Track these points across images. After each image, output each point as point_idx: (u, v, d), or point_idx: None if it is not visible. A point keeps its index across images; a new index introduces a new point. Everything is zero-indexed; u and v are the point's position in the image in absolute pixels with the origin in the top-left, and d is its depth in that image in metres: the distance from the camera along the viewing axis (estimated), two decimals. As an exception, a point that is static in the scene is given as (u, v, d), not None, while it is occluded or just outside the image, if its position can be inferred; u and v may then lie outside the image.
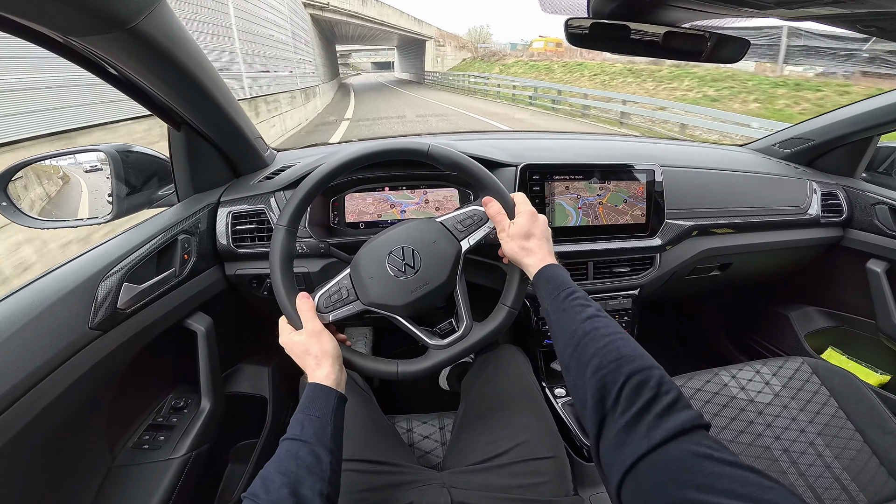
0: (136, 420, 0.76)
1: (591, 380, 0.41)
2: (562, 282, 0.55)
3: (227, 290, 0.88)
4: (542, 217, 0.64)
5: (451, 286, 0.65)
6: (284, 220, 0.64)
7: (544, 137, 1.24)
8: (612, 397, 0.39)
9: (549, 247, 0.62)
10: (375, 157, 0.66)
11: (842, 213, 1.13)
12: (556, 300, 0.53)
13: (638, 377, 0.39)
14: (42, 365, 0.52)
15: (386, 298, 0.63)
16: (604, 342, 0.44)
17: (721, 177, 1.06)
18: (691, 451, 0.32)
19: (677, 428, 0.34)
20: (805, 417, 0.82)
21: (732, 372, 0.90)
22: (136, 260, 0.68)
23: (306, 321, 0.60)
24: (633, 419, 0.36)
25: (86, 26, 0.47)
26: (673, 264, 0.99)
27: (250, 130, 0.88)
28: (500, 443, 0.64)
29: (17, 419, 0.49)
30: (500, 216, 0.63)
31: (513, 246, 0.61)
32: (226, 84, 0.75)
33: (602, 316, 0.49)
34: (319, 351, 0.58)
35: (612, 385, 0.39)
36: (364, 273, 0.64)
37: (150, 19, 0.50)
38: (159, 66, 0.60)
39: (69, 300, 0.58)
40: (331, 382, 0.56)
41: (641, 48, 0.63)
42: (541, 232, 0.62)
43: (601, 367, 0.41)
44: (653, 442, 0.33)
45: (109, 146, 0.76)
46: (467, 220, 0.67)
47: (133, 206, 0.80)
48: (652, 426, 0.34)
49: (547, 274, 0.57)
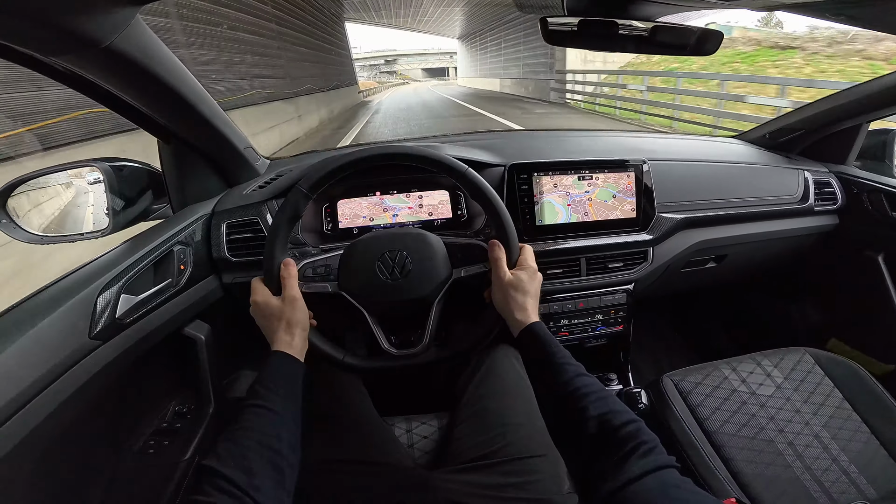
0: (138, 427, 0.78)
1: (588, 425, 0.46)
2: (550, 340, 0.58)
3: (224, 298, 0.89)
4: (540, 276, 0.66)
5: (427, 305, 0.66)
6: (306, 184, 0.65)
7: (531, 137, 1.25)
8: (604, 441, 0.45)
9: (537, 305, 0.64)
10: (414, 161, 0.68)
11: (836, 200, 1.12)
12: (544, 357, 0.56)
13: (630, 427, 0.45)
14: (44, 374, 0.54)
15: (363, 292, 0.65)
16: (596, 396, 0.49)
17: (711, 168, 1.06)
18: (665, 482, 0.41)
19: (656, 465, 0.41)
20: (809, 409, 0.80)
21: (733, 364, 0.88)
22: (134, 271, 0.69)
23: (287, 287, 0.61)
24: (622, 459, 0.43)
25: (62, 45, 0.48)
26: (667, 258, 0.98)
27: (240, 140, 0.89)
28: (492, 442, 0.64)
29: (22, 427, 0.51)
30: (500, 261, 0.65)
31: (504, 295, 0.63)
32: (210, 96, 0.77)
33: (589, 375, 0.54)
34: (293, 319, 0.58)
35: (606, 431, 0.46)
36: (353, 261, 0.66)
37: (124, 37, 0.51)
38: (140, 82, 0.61)
39: (69, 312, 0.60)
40: (296, 353, 0.56)
41: (629, 44, 0.64)
42: (535, 291, 0.65)
43: (596, 416, 0.47)
44: (634, 474, 0.41)
45: (102, 161, 0.78)
46: (469, 251, 0.67)
47: (129, 219, 0.81)
48: (635, 464, 0.42)
49: (535, 330, 0.59)
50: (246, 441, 0.46)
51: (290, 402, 0.52)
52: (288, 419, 0.50)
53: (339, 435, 0.66)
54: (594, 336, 1.01)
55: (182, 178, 0.85)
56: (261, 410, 0.49)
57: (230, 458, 0.44)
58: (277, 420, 0.49)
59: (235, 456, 0.44)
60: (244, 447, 0.45)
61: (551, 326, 0.97)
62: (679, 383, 0.84)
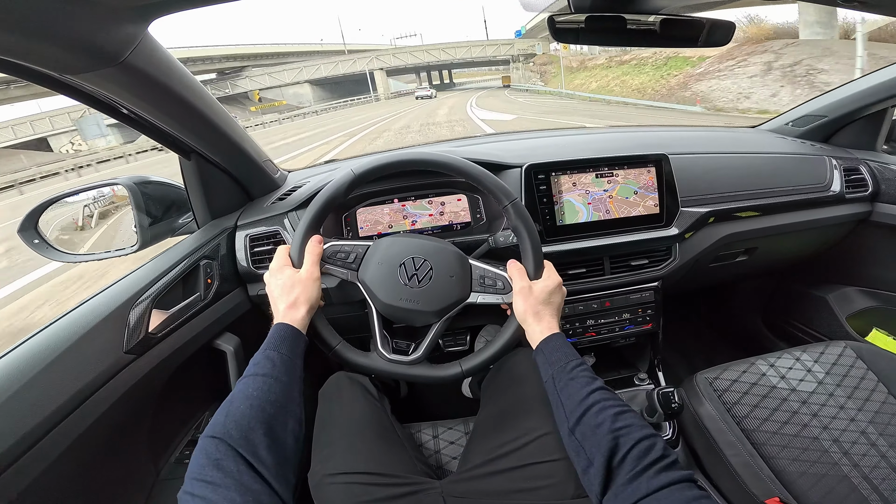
0: (176, 437, 0.80)
1: (605, 439, 0.45)
2: (570, 352, 0.57)
3: (251, 310, 0.90)
4: (564, 290, 0.67)
5: (434, 319, 0.66)
6: (360, 168, 0.66)
7: (547, 136, 1.24)
8: (621, 456, 0.44)
9: (559, 317, 0.64)
10: (467, 177, 0.69)
11: (867, 187, 1.08)
12: (563, 368, 0.55)
13: (647, 442, 0.44)
14: (83, 388, 0.56)
15: (376, 288, 0.65)
16: (614, 411, 0.48)
17: (735, 160, 1.03)
18: (685, 496, 0.39)
19: (674, 480, 0.40)
20: (854, 405, 0.77)
21: (770, 360, 0.85)
22: (163, 287, 0.71)
23: (308, 263, 0.61)
24: (638, 474, 0.42)
25: (78, 64, 0.50)
26: (694, 252, 0.96)
27: (258, 154, 0.91)
28: (505, 448, 0.63)
29: (64, 437, 0.53)
30: (521, 272, 0.65)
31: (528, 307, 0.62)
32: (227, 111, 0.78)
33: (608, 389, 0.53)
34: (304, 296, 0.59)
35: (623, 446, 0.45)
36: (377, 256, 0.66)
37: (137, 52, 0.52)
38: (156, 97, 0.62)
39: (103, 327, 0.62)
40: (301, 328, 0.57)
41: (638, 38, 0.64)
42: (559, 303, 0.65)
43: (613, 430, 0.46)
44: (651, 488, 0.40)
45: (128, 179, 0.79)
46: (491, 281, 0.67)
47: (156, 235, 0.83)
48: (652, 477, 0.41)
49: (556, 342, 0.59)
50: (248, 411, 0.45)
51: (294, 372, 0.52)
52: (293, 390, 0.50)
53: (347, 444, 0.65)
54: (623, 336, 0.99)
55: (204, 193, 0.87)
56: (267, 380, 0.49)
57: (235, 429, 0.43)
58: (280, 389, 0.49)
59: (241, 427, 0.43)
60: (247, 417, 0.45)
61: (577, 327, 0.95)
62: (714, 381, 0.82)
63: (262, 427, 0.44)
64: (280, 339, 0.54)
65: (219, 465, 0.40)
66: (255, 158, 0.90)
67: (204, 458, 0.41)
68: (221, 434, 0.43)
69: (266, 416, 0.45)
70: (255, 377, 0.49)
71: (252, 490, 0.39)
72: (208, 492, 0.39)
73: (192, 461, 0.42)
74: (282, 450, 0.45)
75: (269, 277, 0.63)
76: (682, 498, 0.39)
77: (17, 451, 0.48)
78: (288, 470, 0.44)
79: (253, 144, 0.89)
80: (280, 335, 0.55)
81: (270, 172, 0.96)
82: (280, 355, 0.52)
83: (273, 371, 0.50)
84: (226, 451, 0.41)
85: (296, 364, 0.53)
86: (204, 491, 0.39)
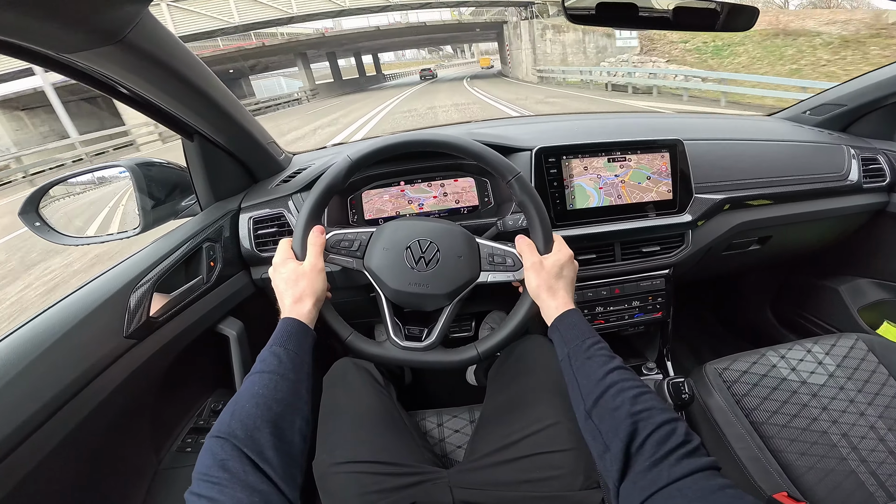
0: (178, 424, 0.79)
1: (623, 423, 0.43)
2: (587, 330, 0.55)
3: (255, 293, 0.89)
4: (576, 264, 0.65)
5: (446, 301, 0.65)
6: (357, 154, 0.64)
7: (559, 120, 1.21)
8: (640, 441, 0.42)
9: (573, 292, 0.62)
10: (467, 154, 0.66)
11: (885, 177, 1.05)
12: (579, 347, 0.53)
13: (668, 427, 0.42)
14: (82, 374, 0.55)
15: (384, 274, 0.63)
16: (633, 392, 0.46)
17: (751, 147, 1.01)
18: (705, 486, 0.37)
19: (697, 467, 0.38)
20: (864, 399, 0.76)
21: (781, 352, 0.84)
22: (165, 269, 0.69)
23: (311, 255, 0.60)
24: (658, 460, 0.40)
25: (76, 42, 0.47)
26: (707, 240, 0.94)
27: (262, 136, 0.88)
28: (513, 437, 0.61)
29: (64, 425, 0.52)
30: (530, 247, 0.63)
31: (540, 282, 0.60)
32: (230, 92, 0.75)
33: (627, 369, 0.50)
34: (310, 289, 0.57)
35: (643, 430, 0.42)
36: (382, 241, 0.65)
37: (137, 30, 0.50)
38: (157, 77, 0.60)
39: (102, 312, 0.60)
40: (308, 322, 0.55)
41: (651, 24, 0.65)
42: (572, 277, 0.62)
43: (632, 413, 0.44)
44: (673, 476, 0.38)
45: (129, 161, 0.78)
46: (501, 258, 0.66)
47: (159, 218, 0.81)
48: (674, 465, 0.39)
49: (572, 319, 0.57)
50: (254, 410, 0.44)
51: (302, 369, 0.51)
52: (301, 388, 0.49)
53: (354, 433, 0.64)
54: (632, 324, 0.98)
55: (207, 175, 0.85)
56: (273, 377, 0.48)
57: (240, 429, 0.43)
58: (287, 386, 0.48)
59: (247, 427, 0.43)
60: (253, 416, 0.44)
61: (586, 314, 0.94)
62: (723, 372, 0.81)
63: (268, 426, 0.43)
64: (287, 334, 0.53)
65: (224, 466, 0.40)
66: (260, 140, 0.88)
67: (210, 458, 0.41)
68: (227, 434, 0.42)
69: (272, 414, 0.44)
70: (261, 374, 0.48)
71: (258, 490, 0.39)
72: (214, 492, 0.39)
73: (199, 461, 0.42)
74: (288, 449, 0.44)
75: (272, 272, 0.61)
76: (706, 487, 0.37)
77: (13, 441, 0.47)
78: (295, 469, 0.44)
79: (257, 126, 0.86)
80: (287, 331, 0.53)
81: (275, 154, 0.94)
82: (287, 351, 0.51)
83: (279, 368, 0.49)
84: (231, 452, 0.41)
85: (304, 360, 0.52)
86: (210, 491, 0.39)
